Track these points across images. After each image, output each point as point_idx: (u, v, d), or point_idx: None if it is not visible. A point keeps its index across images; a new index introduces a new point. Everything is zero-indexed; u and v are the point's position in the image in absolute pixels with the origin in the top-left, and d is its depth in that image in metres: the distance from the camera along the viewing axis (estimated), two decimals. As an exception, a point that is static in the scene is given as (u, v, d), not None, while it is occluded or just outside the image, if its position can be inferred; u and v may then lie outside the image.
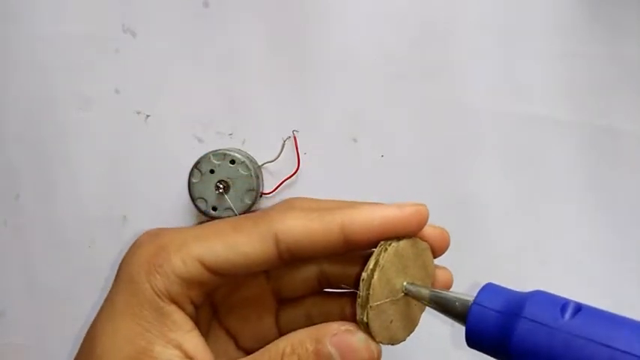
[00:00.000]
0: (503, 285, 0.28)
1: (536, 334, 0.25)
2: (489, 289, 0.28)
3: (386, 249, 0.28)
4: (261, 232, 0.28)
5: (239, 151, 0.41)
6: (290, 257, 0.29)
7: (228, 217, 0.39)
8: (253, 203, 0.40)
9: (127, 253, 0.30)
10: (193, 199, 0.40)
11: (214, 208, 0.40)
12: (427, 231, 0.30)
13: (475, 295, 0.28)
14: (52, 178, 0.43)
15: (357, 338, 0.27)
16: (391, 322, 0.29)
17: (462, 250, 0.42)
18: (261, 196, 0.42)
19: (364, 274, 0.28)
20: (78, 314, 0.44)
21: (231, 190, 0.39)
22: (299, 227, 0.28)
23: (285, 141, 0.42)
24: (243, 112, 0.43)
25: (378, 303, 0.28)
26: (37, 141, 0.43)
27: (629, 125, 0.42)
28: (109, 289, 0.43)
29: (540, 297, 0.26)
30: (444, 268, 0.32)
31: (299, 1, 0.42)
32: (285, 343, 0.28)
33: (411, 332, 0.30)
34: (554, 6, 0.42)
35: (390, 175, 0.43)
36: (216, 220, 0.31)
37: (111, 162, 0.43)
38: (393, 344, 0.29)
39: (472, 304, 0.27)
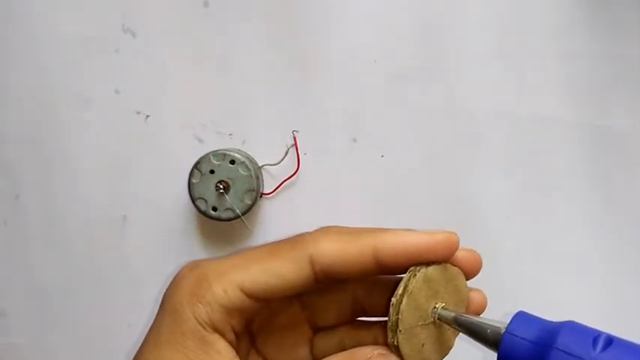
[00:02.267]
0: (533, 313, 0.28)
1: None
2: (521, 317, 0.28)
3: (415, 274, 0.29)
4: (297, 255, 0.29)
5: (239, 151, 0.41)
6: (325, 278, 0.30)
7: (229, 218, 0.39)
8: (253, 203, 0.40)
9: (170, 285, 0.31)
10: (193, 199, 0.40)
11: (214, 209, 0.40)
12: (459, 254, 0.30)
13: (507, 322, 0.28)
14: (52, 178, 0.43)
15: None
16: (423, 345, 0.29)
17: (462, 250, 0.42)
18: (261, 196, 0.42)
19: (393, 299, 0.28)
20: (78, 314, 0.44)
21: (231, 191, 0.39)
22: (333, 249, 0.29)
23: (289, 148, 0.42)
24: (243, 112, 0.43)
25: (408, 327, 0.28)
26: (37, 141, 0.43)
27: (629, 125, 0.42)
28: (109, 288, 0.43)
29: (573, 328, 0.27)
30: (478, 290, 0.32)
31: (299, 1, 0.42)
32: None
33: (445, 355, 0.31)
34: (554, 6, 0.42)
35: (390, 175, 0.43)
36: (253, 247, 0.32)
37: (111, 162, 0.43)
38: None
39: (504, 332, 0.27)
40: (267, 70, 0.42)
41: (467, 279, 0.31)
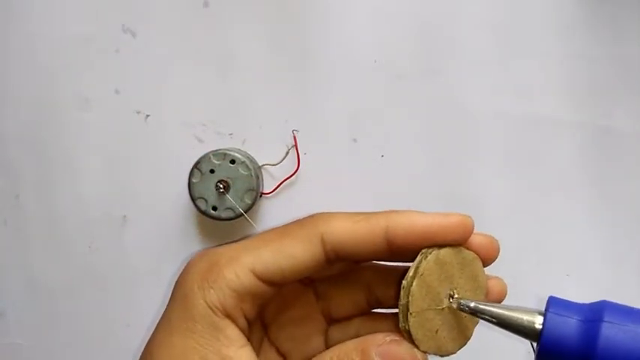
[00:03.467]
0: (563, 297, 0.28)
1: (622, 336, 0.25)
2: (556, 300, 0.28)
3: (426, 256, 0.28)
4: (308, 234, 0.29)
5: (239, 151, 0.41)
6: (336, 258, 0.29)
7: (229, 217, 0.39)
8: (253, 203, 0.40)
9: (181, 273, 0.31)
10: (193, 199, 0.40)
11: (214, 208, 0.39)
12: (475, 239, 0.30)
13: (537, 309, 0.27)
14: (52, 178, 0.43)
15: (402, 348, 0.28)
16: (437, 331, 0.28)
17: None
18: (261, 195, 0.42)
19: (404, 282, 0.28)
20: (78, 314, 0.44)
21: (231, 190, 0.39)
22: (344, 228, 0.29)
23: (289, 149, 0.42)
24: (243, 112, 0.43)
25: (419, 310, 0.28)
26: (37, 141, 0.43)
27: (629, 125, 0.42)
28: (109, 288, 0.43)
29: (614, 305, 0.27)
30: (497, 278, 0.31)
31: (299, 1, 0.42)
32: (331, 354, 0.28)
33: (463, 345, 0.30)
34: (555, 6, 0.42)
35: (390, 175, 0.43)
36: (264, 231, 0.32)
37: (111, 162, 0.43)
38: (441, 355, 0.29)
39: (547, 312, 0.27)
40: (267, 69, 0.42)
41: (484, 265, 0.30)
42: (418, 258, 0.28)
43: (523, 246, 0.43)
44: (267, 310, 0.33)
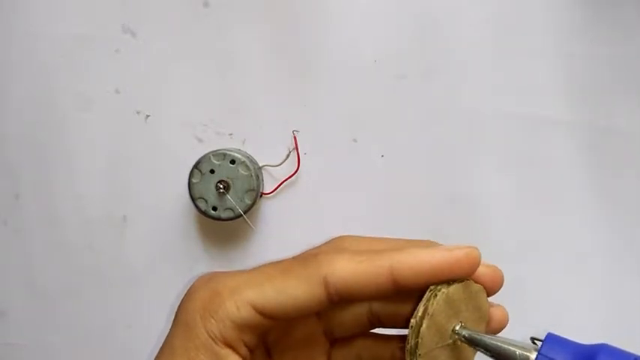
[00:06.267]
0: (563, 336, 0.28)
1: None
2: (552, 339, 0.27)
3: (435, 295, 0.27)
4: (310, 276, 0.29)
5: (239, 151, 0.41)
6: (339, 300, 0.29)
7: (229, 217, 0.39)
8: (253, 203, 0.40)
9: (184, 298, 0.31)
10: (193, 199, 0.40)
11: (214, 208, 0.39)
12: (480, 271, 0.30)
13: (532, 344, 0.27)
14: (52, 178, 0.43)
15: None
16: None
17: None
18: (261, 196, 0.42)
19: (412, 321, 0.27)
20: (78, 314, 0.44)
21: (231, 190, 0.39)
22: (348, 270, 0.28)
23: (290, 151, 0.42)
24: (243, 112, 0.43)
25: (428, 351, 0.27)
26: (37, 141, 0.43)
27: (629, 125, 0.42)
28: (109, 288, 0.43)
29: (611, 351, 0.26)
30: (498, 306, 0.31)
31: (299, 1, 0.42)
32: None
33: None
34: (555, 6, 0.42)
35: (390, 175, 0.43)
36: (267, 264, 0.31)
37: (111, 162, 0.43)
38: None
39: (537, 355, 0.26)
40: (267, 69, 0.42)
41: (488, 295, 0.30)
42: (427, 295, 0.28)
43: (523, 246, 0.43)
44: (269, 334, 0.33)
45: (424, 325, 0.27)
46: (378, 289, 0.28)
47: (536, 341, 0.28)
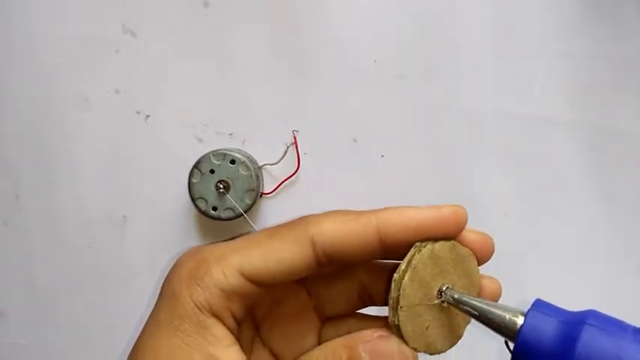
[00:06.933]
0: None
1: (604, 340, 0.24)
2: (540, 304, 0.27)
3: (420, 250, 0.27)
4: (297, 236, 0.28)
5: (239, 151, 0.41)
6: (327, 261, 0.28)
7: (229, 217, 0.39)
8: (253, 203, 0.40)
9: (170, 271, 0.30)
10: (193, 199, 0.40)
11: (214, 208, 0.40)
12: (469, 237, 0.29)
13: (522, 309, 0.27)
14: (52, 178, 0.43)
15: (390, 343, 0.27)
16: (427, 328, 0.28)
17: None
18: (261, 196, 0.42)
19: (395, 275, 0.27)
20: (78, 314, 0.44)
21: (231, 190, 0.39)
22: (335, 229, 0.28)
23: (288, 147, 0.42)
24: (243, 112, 0.43)
25: (410, 305, 0.27)
26: (37, 141, 0.43)
27: (629, 125, 0.42)
28: (108, 288, 0.43)
29: (598, 316, 0.26)
30: (492, 278, 0.31)
31: (299, 1, 0.42)
32: (318, 352, 0.28)
33: (453, 344, 0.29)
34: (555, 6, 0.42)
35: (390, 175, 0.43)
36: (255, 231, 0.31)
37: (111, 162, 0.43)
38: (430, 354, 0.28)
39: (529, 310, 0.26)
40: (267, 69, 0.42)
41: (478, 263, 0.30)
42: (411, 251, 0.27)
43: (523, 246, 0.43)
44: (258, 308, 0.32)
45: (406, 277, 0.27)
46: (365, 248, 0.28)
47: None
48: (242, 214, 0.39)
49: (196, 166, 0.40)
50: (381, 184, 0.43)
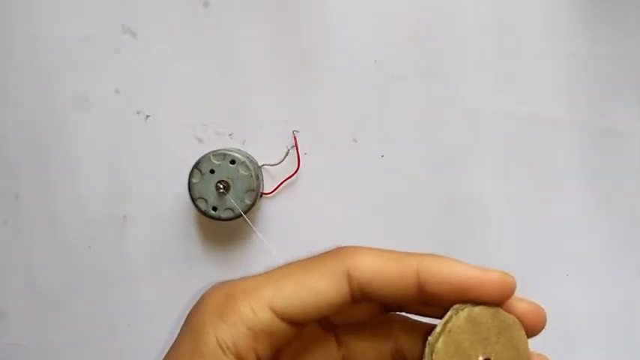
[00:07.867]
0: None
1: None
2: None
3: (457, 312, 0.26)
4: (333, 268, 0.27)
5: (239, 151, 0.41)
6: (362, 298, 0.27)
7: (229, 217, 0.39)
8: (253, 203, 0.40)
9: (195, 305, 0.29)
10: (193, 199, 0.40)
11: (214, 208, 0.40)
12: (518, 306, 0.27)
13: None
14: (52, 178, 0.43)
15: None
16: None
17: (461, 250, 0.42)
18: (261, 196, 0.42)
19: (430, 338, 0.25)
20: (78, 314, 0.44)
21: (231, 191, 0.39)
22: (373, 265, 0.27)
23: (289, 149, 0.42)
24: (243, 112, 0.43)
25: None
26: (37, 141, 0.43)
27: (629, 125, 0.42)
28: (108, 288, 0.43)
29: None
30: (542, 355, 0.28)
31: (299, 1, 0.42)
32: None
33: None
34: (555, 6, 0.42)
35: (390, 175, 0.43)
36: (286, 263, 0.29)
37: (111, 162, 0.43)
38: None
39: None
40: (267, 69, 0.42)
41: (528, 336, 0.27)
42: (449, 313, 0.26)
43: (523, 246, 0.43)
44: (283, 353, 0.30)
45: (440, 341, 0.25)
46: (402, 292, 0.27)
47: None
48: (242, 215, 0.39)
49: (196, 166, 0.40)
50: (381, 184, 0.43)
